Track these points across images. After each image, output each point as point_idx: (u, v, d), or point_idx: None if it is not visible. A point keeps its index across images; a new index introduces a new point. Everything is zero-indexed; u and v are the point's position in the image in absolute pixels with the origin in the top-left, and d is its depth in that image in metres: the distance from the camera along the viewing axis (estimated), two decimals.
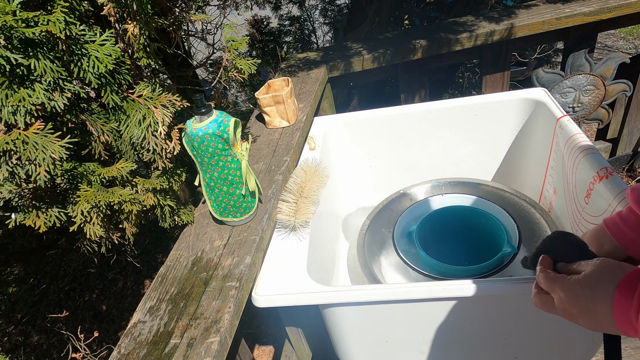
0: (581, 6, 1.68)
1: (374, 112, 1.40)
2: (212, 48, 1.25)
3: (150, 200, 0.87)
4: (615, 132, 2.09)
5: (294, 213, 1.00)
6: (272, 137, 1.31)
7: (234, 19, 1.25)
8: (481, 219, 1.16)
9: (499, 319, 0.88)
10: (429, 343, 0.95)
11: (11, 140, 0.63)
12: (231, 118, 0.91)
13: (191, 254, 0.94)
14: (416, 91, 1.89)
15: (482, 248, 1.15)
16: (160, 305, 0.83)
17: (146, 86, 0.83)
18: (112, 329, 2.57)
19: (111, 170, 0.81)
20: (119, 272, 2.95)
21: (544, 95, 1.28)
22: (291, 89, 1.33)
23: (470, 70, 3.45)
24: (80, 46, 0.69)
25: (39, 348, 2.55)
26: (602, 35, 4.41)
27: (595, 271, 0.53)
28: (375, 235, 1.26)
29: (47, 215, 0.76)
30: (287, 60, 1.89)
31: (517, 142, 1.38)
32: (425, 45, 1.70)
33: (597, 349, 0.96)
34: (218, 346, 0.72)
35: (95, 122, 0.79)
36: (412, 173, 1.49)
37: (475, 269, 1.00)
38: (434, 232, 1.17)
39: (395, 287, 0.83)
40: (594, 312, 0.51)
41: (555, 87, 1.82)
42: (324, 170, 1.12)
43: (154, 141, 0.81)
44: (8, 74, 0.64)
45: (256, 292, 0.87)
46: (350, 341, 0.99)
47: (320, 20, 3.57)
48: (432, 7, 2.93)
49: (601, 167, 0.94)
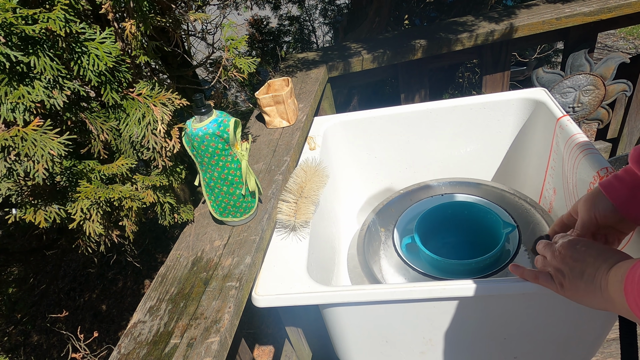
0: (581, 6, 1.68)
1: (374, 111, 1.40)
2: (212, 48, 1.25)
3: (150, 198, 0.87)
4: (615, 132, 2.09)
5: (294, 213, 1.00)
6: (272, 137, 1.31)
7: (234, 19, 1.25)
8: (480, 213, 1.16)
9: (499, 319, 0.88)
10: (429, 343, 0.95)
11: (10, 136, 0.63)
12: (231, 118, 0.91)
13: (191, 254, 0.94)
14: (416, 91, 1.89)
15: (482, 242, 1.15)
16: (160, 305, 0.83)
17: (146, 85, 0.82)
18: (112, 329, 2.57)
19: (111, 167, 0.80)
20: (118, 272, 2.95)
21: (544, 95, 1.28)
22: (291, 89, 1.33)
23: (470, 70, 3.45)
24: (80, 44, 0.69)
25: (39, 348, 2.55)
26: (602, 35, 4.41)
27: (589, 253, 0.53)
28: (375, 235, 1.25)
29: (47, 212, 0.76)
30: (286, 60, 1.88)
31: (517, 142, 1.38)
32: (425, 45, 1.70)
33: (597, 349, 0.95)
34: (218, 346, 0.72)
35: (94, 120, 0.78)
36: (412, 173, 1.49)
37: (477, 261, 1.00)
38: (433, 228, 1.17)
39: (395, 287, 0.83)
40: None
41: (556, 87, 1.81)
42: (324, 170, 1.12)
43: (153, 139, 0.81)
44: (8, 71, 0.64)
45: (256, 292, 0.87)
46: (350, 341, 0.99)
47: (320, 20, 3.57)
48: (432, 7, 2.93)
49: (601, 167, 0.93)
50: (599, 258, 0.52)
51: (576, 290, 0.54)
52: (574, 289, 0.55)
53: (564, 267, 0.56)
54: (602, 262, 0.51)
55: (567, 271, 0.56)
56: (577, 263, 0.54)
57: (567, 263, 0.56)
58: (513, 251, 1.03)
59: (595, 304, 0.52)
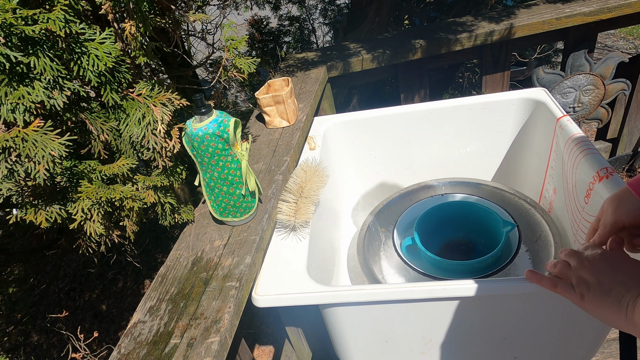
0: (581, 6, 1.68)
1: (374, 112, 1.40)
2: (212, 48, 1.25)
3: (151, 198, 0.87)
4: (615, 132, 2.09)
5: (294, 213, 1.00)
6: (272, 137, 1.31)
7: (234, 19, 1.25)
8: (479, 212, 1.16)
9: (499, 319, 0.88)
10: (429, 343, 0.95)
11: (10, 137, 0.63)
12: (231, 118, 0.91)
13: (191, 254, 0.94)
14: (416, 91, 1.89)
15: (483, 241, 1.16)
16: (160, 305, 0.83)
17: (145, 85, 0.82)
18: (112, 329, 2.57)
19: (112, 168, 0.81)
20: (118, 272, 2.95)
21: (544, 95, 1.28)
22: (291, 89, 1.33)
23: (470, 70, 3.45)
24: (79, 44, 0.69)
25: (39, 348, 2.55)
26: (602, 35, 4.41)
27: None
28: (375, 235, 1.25)
29: (48, 212, 0.76)
30: (286, 60, 1.89)
31: (517, 142, 1.38)
32: (425, 45, 1.70)
33: (597, 349, 0.96)
34: (218, 346, 0.72)
35: (94, 120, 0.79)
36: (412, 173, 1.49)
37: (477, 262, 1.00)
38: (433, 228, 1.18)
39: (395, 287, 0.83)
40: None
41: (556, 88, 1.82)
42: (324, 170, 1.12)
43: (153, 140, 0.81)
44: (7, 71, 0.64)
45: (256, 292, 0.87)
46: (350, 341, 0.99)
47: (320, 20, 3.57)
48: (432, 7, 2.93)
49: (601, 167, 0.94)
50: (632, 278, 0.50)
51: (599, 305, 0.52)
52: (597, 304, 0.52)
53: (592, 278, 0.53)
54: (635, 284, 0.49)
55: (593, 284, 0.53)
56: (606, 278, 0.52)
57: (595, 275, 0.53)
58: (513, 251, 1.03)
59: (615, 323, 0.51)
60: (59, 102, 0.68)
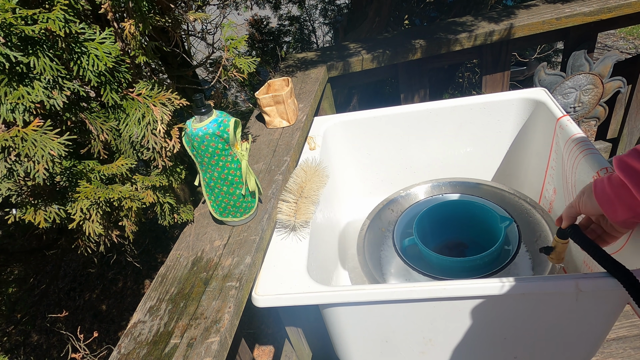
0: (581, 6, 1.68)
1: (374, 111, 1.40)
2: (212, 48, 1.25)
3: (150, 198, 0.87)
4: (615, 132, 2.09)
5: (294, 213, 1.00)
6: (272, 137, 1.31)
7: (234, 19, 1.24)
8: (477, 210, 1.16)
9: (499, 318, 0.88)
10: (429, 343, 0.95)
11: (10, 137, 0.63)
12: (231, 118, 0.91)
13: (191, 254, 0.94)
14: (416, 91, 1.89)
15: (483, 240, 1.16)
16: (160, 305, 0.83)
17: (145, 85, 0.82)
18: (112, 329, 2.57)
19: (111, 167, 0.80)
20: (118, 272, 2.95)
21: (544, 95, 1.28)
22: (291, 89, 1.33)
23: (470, 70, 3.45)
24: (79, 44, 0.69)
25: (38, 348, 2.55)
26: (602, 35, 4.41)
27: None
28: (375, 235, 1.25)
29: (47, 212, 0.76)
30: (286, 60, 1.88)
31: (517, 142, 1.38)
32: (425, 45, 1.70)
33: (597, 349, 0.95)
34: (218, 346, 0.72)
35: (94, 120, 0.78)
36: (412, 173, 1.49)
37: (478, 258, 1.00)
38: (433, 227, 1.18)
39: (395, 287, 0.83)
40: None
41: (557, 89, 1.82)
42: (324, 170, 1.12)
43: (153, 139, 0.81)
44: (7, 71, 0.64)
45: (256, 292, 0.87)
46: (350, 341, 0.99)
47: (320, 20, 3.57)
48: (432, 7, 2.93)
49: (601, 167, 0.94)
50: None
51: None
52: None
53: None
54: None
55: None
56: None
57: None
58: (513, 250, 1.03)
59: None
60: (59, 101, 0.68)
